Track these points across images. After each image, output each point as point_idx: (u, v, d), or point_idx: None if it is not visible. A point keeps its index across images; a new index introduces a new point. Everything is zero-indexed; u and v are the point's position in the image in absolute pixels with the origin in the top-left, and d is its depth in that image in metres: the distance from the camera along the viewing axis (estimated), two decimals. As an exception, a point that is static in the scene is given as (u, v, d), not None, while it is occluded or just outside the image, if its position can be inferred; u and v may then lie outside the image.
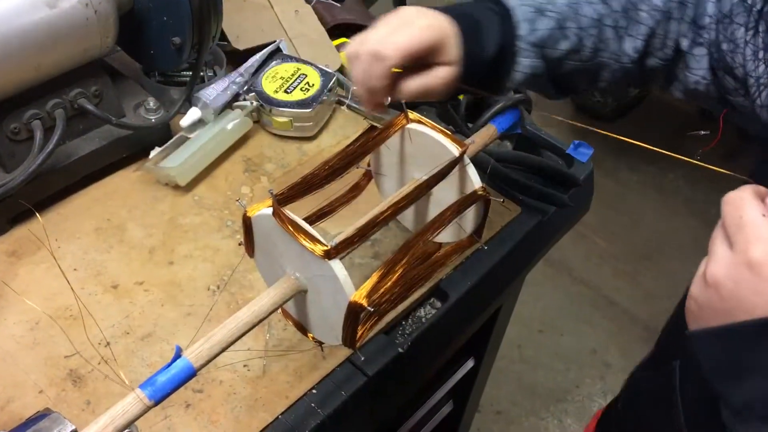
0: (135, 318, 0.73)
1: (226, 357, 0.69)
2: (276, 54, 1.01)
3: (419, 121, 0.65)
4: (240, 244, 0.62)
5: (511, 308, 1.16)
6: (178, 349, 0.49)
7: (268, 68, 0.98)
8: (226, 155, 0.92)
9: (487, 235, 0.82)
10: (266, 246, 0.59)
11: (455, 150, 0.62)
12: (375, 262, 0.81)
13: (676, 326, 0.79)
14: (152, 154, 0.87)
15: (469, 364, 1.17)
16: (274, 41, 1.03)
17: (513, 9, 0.63)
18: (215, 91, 0.92)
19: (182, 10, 0.83)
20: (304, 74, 0.98)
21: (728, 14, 0.63)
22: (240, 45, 1.03)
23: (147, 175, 0.88)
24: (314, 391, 0.68)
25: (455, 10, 0.63)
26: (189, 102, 0.92)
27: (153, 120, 0.88)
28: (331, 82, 0.97)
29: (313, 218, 0.63)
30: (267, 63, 0.99)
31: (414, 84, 0.63)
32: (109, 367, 0.67)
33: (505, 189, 0.88)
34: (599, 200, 1.07)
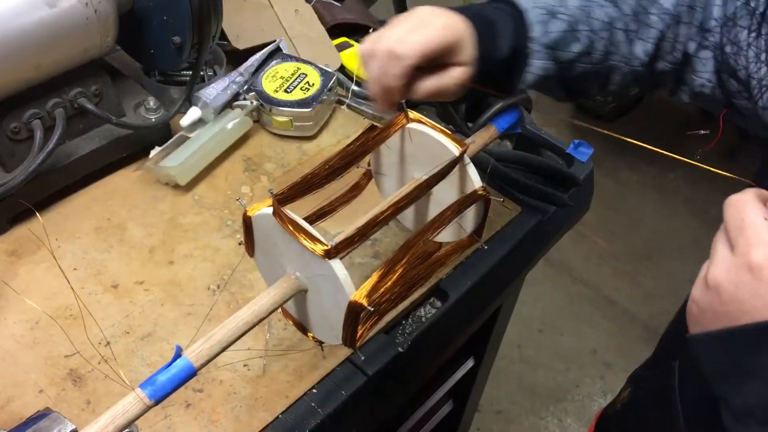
0: (135, 317, 0.73)
1: (227, 356, 0.69)
2: (276, 53, 1.02)
3: (419, 121, 0.65)
4: (240, 243, 0.62)
5: (511, 308, 1.16)
6: (178, 348, 0.49)
7: (268, 68, 0.98)
8: (226, 155, 0.92)
9: (487, 234, 0.82)
10: (266, 245, 0.59)
11: (455, 149, 0.62)
12: (375, 262, 0.81)
13: (677, 327, 0.79)
14: (152, 153, 0.87)
15: (469, 363, 1.17)
16: (274, 41, 1.03)
17: (526, 11, 0.63)
18: (215, 91, 0.92)
19: (182, 10, 0.83)
20: (304, 74, 0.98)
21: (732, 17, 0.63)
22: (240, 44, 1.03)
23: (147, 175, 0.88)
24: (314, 390, 0.68)
25: (469, 11, 0.63)
26: (189, 101, 0.92)
27: (153, 119, 0.88)
28: (331, 82, 0.97)
29: (314, 218, 0.63)
30: (267, 62, 0.99)
31: (429, 84, 0.62)
32: (109, 366, 0.67)
33: (505, 189, 0.88)
34: (599, 200, 1.07)
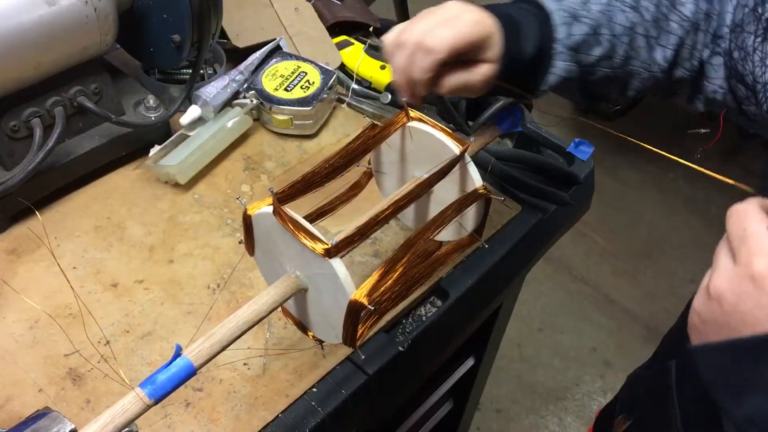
0: (135, 316, 0.73)
1: (226, 355, 0.69)
2: (276, 52, 1.01)
3: (420, 119, 0.65)
4: (240, 242, 0.62)
5: (511, 307, 1.16)
6: (178, 347, 0.49)
7: (268, 66, 0.98)
8: (226, 153, 0.92)
9: (487, 233, 0.82)
10: (266, 244, 0.59)
11: (456, 148, 0.62)
12: (375, 261, 0.81)
13: (677, 327, 0.79)
14: (152, 152, 0.87)
15: (469, 362, 1.17)
16: (274, 39, 1.02)
17: (551, 13, 0.64)
18: (215, 89, 0.92)
19: (182, 8, 0.83)
20: (304, 72, 0.97)
21: (740, 23, 0.64)
22: (240, 43, 1.03)
23: (147, 173, 0.88)
24: (314, 389, 0.68)
25: (496, 9, 0.63)
26: (189, 100, 0.91)
27: (153, 118, 0.88)
28: (332, 80, 0.97)
29: (314, 216, 0.63)
30: (267, 61, 0.99)
31: (455, 79, 0.63)
32: (108, 365, 0.67)
33: (505, 187, 0.88)
34: (599, 199, 1.07)
